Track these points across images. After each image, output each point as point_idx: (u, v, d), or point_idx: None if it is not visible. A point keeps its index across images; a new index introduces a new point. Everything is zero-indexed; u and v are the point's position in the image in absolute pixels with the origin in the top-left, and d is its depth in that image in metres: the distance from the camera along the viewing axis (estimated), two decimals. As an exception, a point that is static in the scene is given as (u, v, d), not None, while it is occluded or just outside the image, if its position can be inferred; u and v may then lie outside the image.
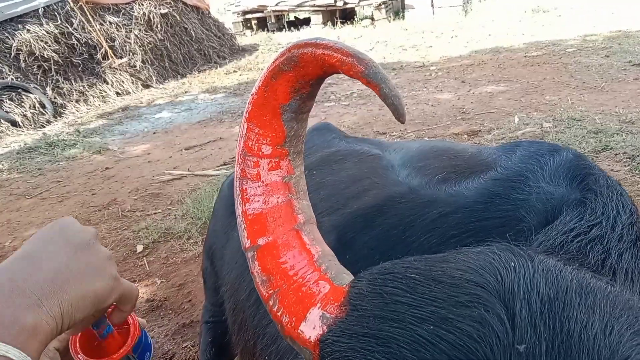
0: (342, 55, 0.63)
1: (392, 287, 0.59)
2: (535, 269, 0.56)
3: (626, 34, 8.23)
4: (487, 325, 0.51)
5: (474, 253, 0.61)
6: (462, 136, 4.73)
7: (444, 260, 0.61)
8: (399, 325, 0.54)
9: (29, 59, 7.75)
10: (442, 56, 8.56)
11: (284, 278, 0.69)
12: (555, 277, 0.56)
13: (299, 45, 0.67)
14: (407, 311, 0.55)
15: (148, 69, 9.22)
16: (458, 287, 0.55)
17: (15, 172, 5.46)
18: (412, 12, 13.20)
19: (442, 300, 0.55)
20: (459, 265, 0.59)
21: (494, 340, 0.50)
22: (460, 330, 0.51)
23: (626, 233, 0.77)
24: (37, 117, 7.32)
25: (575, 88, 5.74)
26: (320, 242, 0.74)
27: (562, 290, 0.54)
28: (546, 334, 0.50)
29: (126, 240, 3.63)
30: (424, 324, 0.53)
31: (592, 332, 0.50)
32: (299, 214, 0.75)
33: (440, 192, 0.99)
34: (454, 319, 0.52)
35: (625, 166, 3.62)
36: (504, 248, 0.61)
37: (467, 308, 0.53)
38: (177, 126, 6.69)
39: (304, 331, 0.63)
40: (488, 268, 0.57)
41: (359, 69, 0.62)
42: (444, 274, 0.58)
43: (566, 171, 0.90)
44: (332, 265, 0.71)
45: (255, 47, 11.93)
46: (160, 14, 9.60)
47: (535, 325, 0.51)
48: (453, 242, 0.87)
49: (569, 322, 0.51)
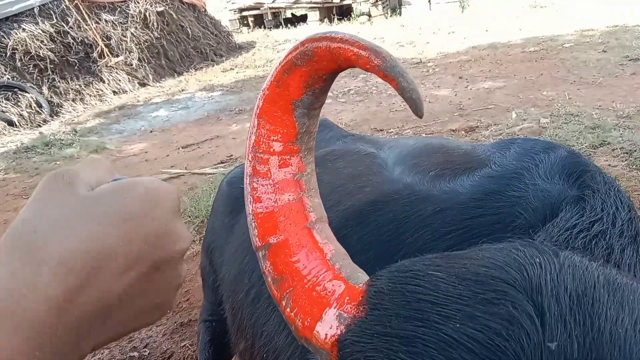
0: (359, 48, 0.62)
1: (414, 285, 0.57)
2: (561, 264, 0.55)
3: (623, 29, 8.23)
4: (516, 323, 0.50)
5: (497, 249, 0.60)
6: (459, 132, 4.73)
7: (466, 257, 0.60)
8: (424, 324, 0.53)
9: (25, 58, 7.73)
10: (439, 52, 8.55)
11: (297, 277, 0.68)
12: (582, 272, 0.55)
13: (313, 39, 0.66)
14: (432, 309, 0.54)
15: (145, 67, 9.20)
16: (483, 284, 0.54)
17: (12, 172, 5.45)
18: (409, 8, 13.19)
19: (467, 298, 0.53)
20: (483, 262, 0.57)
21: (524, 339, 0.49)
22: (489, 329, 0.50)
23: (626, 229, 0.77)
24: (33, 116, 7.30)
25: (572, 83, 5.74)
26: (333, 240, 0.73)
27: (590, 286, 0.53)
28: (577, 331, 0.49)
29: (124, 240, 3.62)
30: (449, 322, 0.52)
31: (622, 329, 0.49)
32: (311, 212, 0.74)
33: (434, 189, 0.99)
34: (481, 317, 0.51)
35: (622, 161, 3.62)
36: (528, 244, 0.60)
37: (494, 305, 0.52)
38: (174, 124, 6.68)
39: (319, 332, 0.62)
40: (513, 264, 0.56)
41: (375, 62, 0.60)
42: (468, 271, 0.56)
43: (562, 168, 0.89)
44: (346, 264, 0.70)
45: (252, 45, 11.90)
46: (157, 12, 9.57)
47: (566, 322, 0.50)
48: (447, 238, 0.87)
49: (599, 319, 0.50)
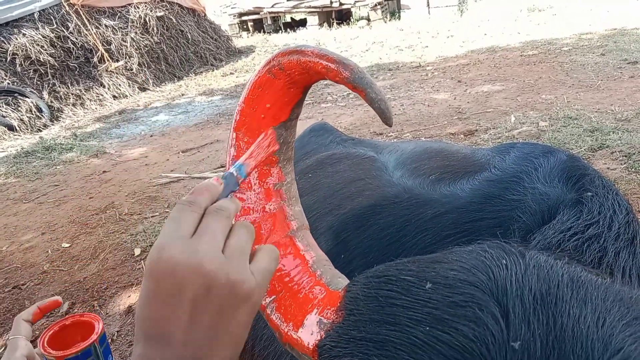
0: (328, 61, 0.63)
1: (387, 290, 0.59)
2: (526, 265, 0.57)
3: (622, 32, 8.26)
4: (482, 324, 0.51)
5: (466, 252, 0.62)
6: (458, 136, 4.74)
7: (437, 261, 0.61)
8: (395, 328, 0.55)
9: (25, 63, 7.75)
10: (438, 56, 8.58)
11: (280, 285, 0.69)
12: (546, 272, 0.56)
13: (284, 53, 0.68)
14: (403, 313, 0.56)
15: (144, 71, 9.22)
16: (452, 288, 0.56)
17: (13, 176, 5.45)
18: (407, 12, 13.23)
19: (436, 301, 0.55)
20: (452, 266, 0.59)
21: (489, 339, 0.50)
22: (456, 330, 0.52)
23: (623, 232, 0.77)
24: (33, 121, 7.31)
25: (571, 87, 5.76)
26: (315, 247, 0.75)
27: (553, 285, 0.54)
28: (540, 330, 0.50)
29: (124, 244, 3.63)
30: (420, 326, 0.54)
31: (585, 326, 0.50)
32: (292, 220, 0.76)
33: (434, 193, 1.00)
34: (450, 320, 0.53)
35: (621, 164, 3.63)
36: (495, 246, 0.62)
37: (462, 308, 0.53)
38: (174, 129, 6.69)
39: (302, 337, 0.64)
40: (480, 267, 0.57)
41: (344, 75, 0.62)
42: (438, 275, 0.58)
43: (561, 172, 0.90)
44: (327, 270, 0.71)
45: (252, 49, 11.93)
46: (156, 16, 9.60)
47: (529, 322, 0.51)
48: (447, 242, 0.87)
49: (561, 317, 0.51)
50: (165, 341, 0.53)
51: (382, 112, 0.62)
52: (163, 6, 9.87)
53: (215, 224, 0.58)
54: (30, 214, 4.41)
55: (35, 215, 4.38)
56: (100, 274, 3.29)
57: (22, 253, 3.72)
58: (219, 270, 0.54)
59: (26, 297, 3.14)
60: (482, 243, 0.64)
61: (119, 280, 3.18)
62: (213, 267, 0.54)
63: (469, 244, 0.83)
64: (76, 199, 4.62)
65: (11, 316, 2.97)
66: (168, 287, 0.53)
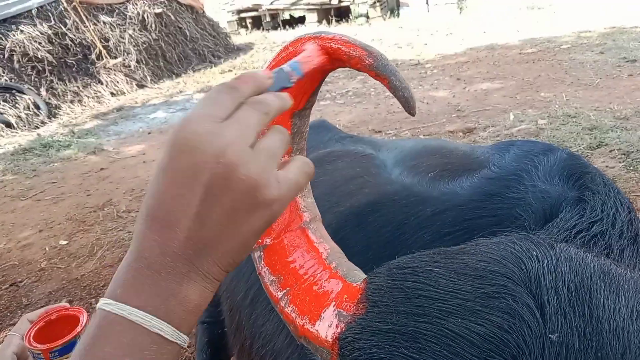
0: (350, 48, 0.62)
1: (413, 281, 0.58)
2: (557, 257, 0.56)
3: (620, 30, 8.25)
4: (517, 316, 0.50)
5: (494, 243, 0.60)
6: (457, 134, 4.74)
7: (464, 252, 0.60)
8: (425, 319, 0.53)
9: (23, 59, 7.72)
10: (437, 54, 8.56)
11: (294, 277, 0.68)
12: (578, 264, 0.55)
13: (303, 39, 0.66)
14: (432, 305, 0.54)
15: (142, 68, 9.19)
16: (483, 279, 0.54)
17: (10, 173, 5.43)
18: (407, 9, 13.21)
19: (467, 293, 0.54)
20: (481, 257, 0.58)
21: (525, 331, 0.50)
22: (490, 322, 0.51)
23: (626, 230, 0.77)
24: (31, 118, 7.28)
25: (570, 85, 5.75)
26: (328, 239, 0.73)
27: (587, 277, 0.54)
28: (577, 322, 0.50)
29: (121, 241, 3.62)
30: (451, 317, 0.52)
31: (620, 318, 0.50)
32: (305, 212, 0.74)
33: (433, 191, 0.99)
34: (482, 311, 0.52)
35: (620, 162, 3.63)
36: (524, 237, 0.61)
37: (495, 299, 0.52)
38: (172, 126, 6.66)
39: (319, 330, 0.62)
40: (511, 258, 0.56)
41: (367, 61, 0.61)
42: (466, 266, 0.57)
43: (561, 170, 0.89)
44: (343, 263, 0.70)
45: (250, 46, 11.90)
46: (155, 13, 9.56)
47: (565, 314, 0.50)
48: (447, 239, 0.86)
49: (597, 309, 0.51)
50: (168, 225, 0.49)
51: (406, 100, 0.61)
52: (161, 3, 9.83)
53: (251, 116, 0.52)
54: (28, 211, 4.40)
55: (33, 212, 4.37)
56: (97, 272, 3.27)
57: (19, 250, 3.71)
58: (241, 164, 0.49)
59: (23, 294, 3.13)
60: (509, 234, 0.63)
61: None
62: (236, 158, 0.48)
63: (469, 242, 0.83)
64: (74, 197, 4.61)
65: (9, 313, 2.96)
66: (184, 165, 0.48)
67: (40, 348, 0.92)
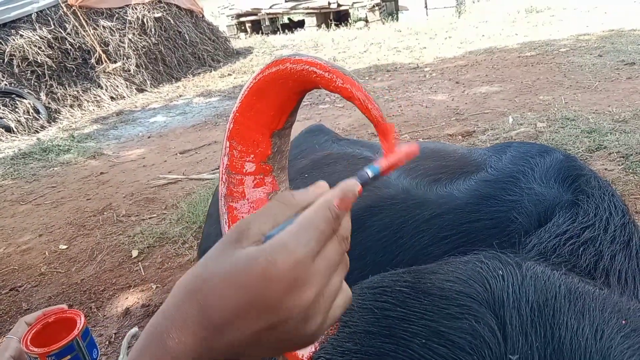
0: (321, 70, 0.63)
1: (382, 301, 0.59)
2: (523, 276, 0.56)
3: (619, 33, 8.27)
4: (479, 337, 0.51)
5: (462, 263, 0.61)
6: (456, 137, 4.74)
7: (432, 272, 0.61)
8: (391, 340, 0.54)
9: (23, 64, 7.73)
10: (436, 57, 8.58)
11: None
12: (543, 283, 0.56)
13: (277, 62, 0.67)
14: (399, 326, 0.55)
15: (142, 73, 9.21)
16: (448, 299, 0.55)
17: (10, 178, 5.44)
18: (405, 13, 13.23)
19: (432, 313, 0.55)
20: (448, 277, 0.59)
21: (486, 352, 0.50)
22: (453, 343, 0.51)
23: (619, 234, 0.77)
24: (31, 122, 7.29)
25: (568, 88, 5.76)
26: None
27: (551, 296, 0.54)
28: (538, 343, 0.50)
29: (121, 246, 3.62)
30: (416, 339, 0.53)
31: (583, 338, 0.50)
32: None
33: (431, 193, 0.99)
34: (446, 332, 0.52)
35: (619, 165, 3.63)
36: (492, 256, 0.61)
37: (458, 320, 0.53)
38: (171, 130, 6.68)
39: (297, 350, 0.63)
40: (477, 278, 0.57)
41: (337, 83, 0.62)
42: (434, 286, 0.58)
43: (557, 172, 0.89)
44: None
45: (250, 50, 11.93)
46: (154, 17, 9.59)
47: (527, 334, 0.50)
48: (445, 243, 0.87)
49: (559, 329, 0.50)
50: (212, 329, 0.46)
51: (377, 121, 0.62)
52: (161, 7, 9.86)
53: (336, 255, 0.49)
54: (28, 216, 4.40)
55: (33, 217, 4.37)
56: (97, 276, 3.27)
57: (19, 255, 3.71)
58: (312, 315, 0.46)
59: (23, 299, 3.13)
60: (478, 253, 0.64)
61: (117, 282, 3.17)
62: (312, 312, 0.46)
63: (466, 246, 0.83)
64: (73, 201, 4.61)
65: (8, 318, 2.96)
66: (262, 292, 0.45)
67: (37, 352, 0.93)
